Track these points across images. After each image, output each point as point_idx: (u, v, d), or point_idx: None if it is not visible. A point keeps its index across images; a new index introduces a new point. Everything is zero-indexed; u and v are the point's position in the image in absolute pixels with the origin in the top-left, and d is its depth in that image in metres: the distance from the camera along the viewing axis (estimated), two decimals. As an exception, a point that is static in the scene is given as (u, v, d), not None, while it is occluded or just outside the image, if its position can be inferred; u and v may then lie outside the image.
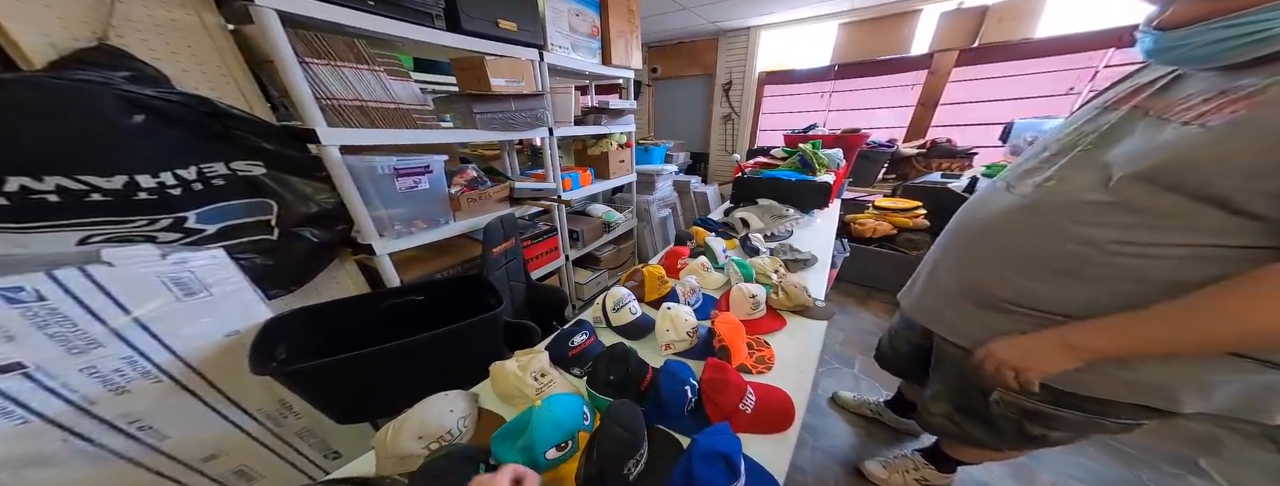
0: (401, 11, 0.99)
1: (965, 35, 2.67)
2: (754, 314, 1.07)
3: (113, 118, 0.59)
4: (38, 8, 0.57)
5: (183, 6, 0.68)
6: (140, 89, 0.60)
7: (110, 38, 0.61)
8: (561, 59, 1.68)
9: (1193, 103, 0.48)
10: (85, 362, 0.63)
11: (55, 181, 0.57)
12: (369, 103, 0.93)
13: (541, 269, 1.80)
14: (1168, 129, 0.48)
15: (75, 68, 0.57)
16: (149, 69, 0.64)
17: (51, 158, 0.56)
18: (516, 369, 0.81)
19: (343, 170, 0.89)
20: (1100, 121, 0.59)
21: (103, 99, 0.57)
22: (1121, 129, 0.54)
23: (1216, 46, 0.45)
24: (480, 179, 1.37)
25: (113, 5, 0.60)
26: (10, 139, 0.53)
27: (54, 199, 0.58)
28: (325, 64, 0.83)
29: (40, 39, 0.56)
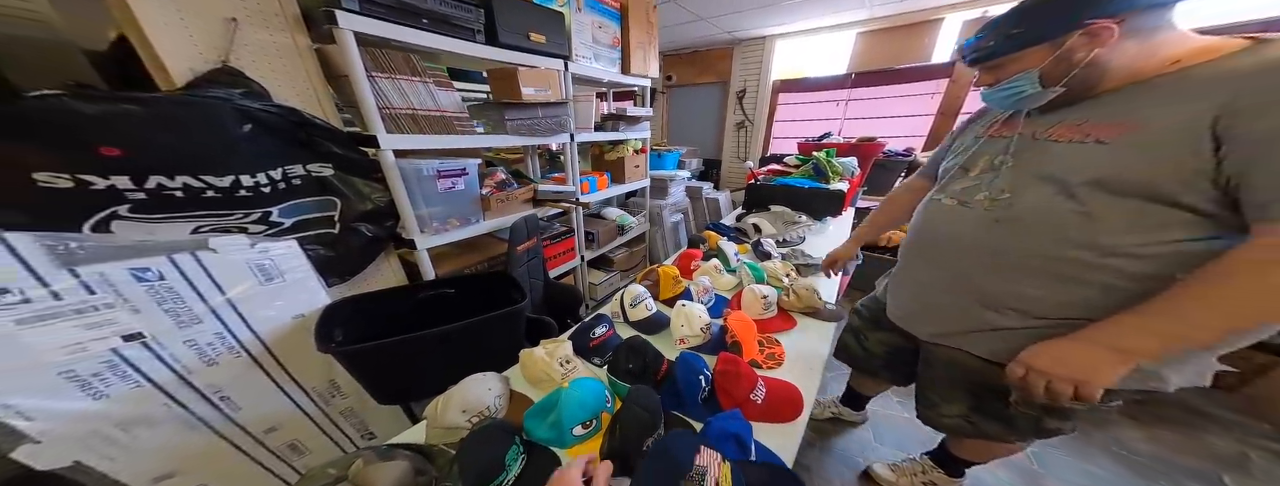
0: (449, 28, 1.13)
1: None
2: (765, 314, 1.16)
3: (228, 127, 0.73)
4: (184, 38, 0.72)
5: (283, 31, 0.82)
6: (249, 103, 0.75)
7: (230, 60, 0.75)
8: (584, 68, 1.82)
9: (1062, 128, 0.64)
10: (188, 335, 0.77)
11: (183, 180, 0.71)
12: (419, 111, 1.07)
13: (558, 268, 1.92)
14: (1071, 147, 0.61)
15: (204, 86, 0.71)
16: (255, 85, 0.79)
17: (182, 160, 0.71)
18: (545, 355, 0.92)
19: (395, 172, 1.02)
20: (997, 145, 0.74)
21: (223, 112, 0.71)
22: (1026, 149, 0.68)
23: (1007, 100, 0.67)
24: (508, 181, 1.51)
25: (234, 33, 0.74)
26: (155, 145, 0.67)
27: (180, 195, 0.72)
28: (387, 77, 0.97)
29: (184, 64, 0.71)
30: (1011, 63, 0.63)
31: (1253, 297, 0.49)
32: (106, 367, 0.71)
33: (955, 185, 0.78)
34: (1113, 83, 0.59)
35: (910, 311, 0.90)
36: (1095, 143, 0.58)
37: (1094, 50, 0.55)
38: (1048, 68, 0.59)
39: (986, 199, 0.71)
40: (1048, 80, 0.61)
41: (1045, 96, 0.62)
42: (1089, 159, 0.58)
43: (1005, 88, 0.65)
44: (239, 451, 0.93)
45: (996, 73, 0.66)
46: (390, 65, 0.97)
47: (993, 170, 0.72)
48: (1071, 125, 0.63)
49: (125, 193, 0.68)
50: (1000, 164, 0.71)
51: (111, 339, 0.69)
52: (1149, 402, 1.60)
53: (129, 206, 0.69)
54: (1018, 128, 0.72)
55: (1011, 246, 0.67)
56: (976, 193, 0.73)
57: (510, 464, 0.64)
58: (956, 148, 0.85)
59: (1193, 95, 0.52)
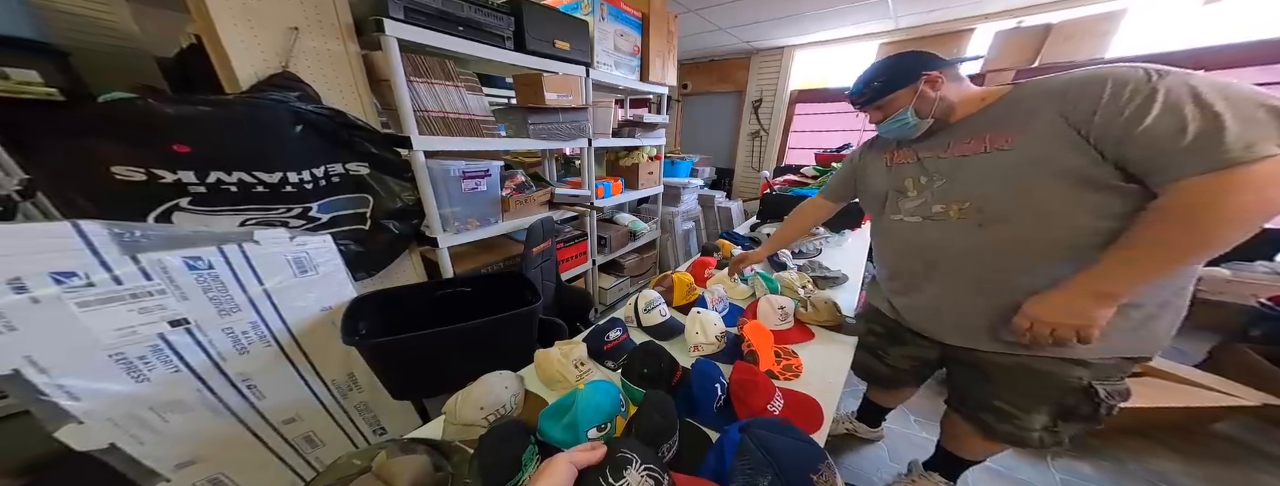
0: (482, 35, 1.21)
1: (1024, 54, 2.62)
2: (782, 325, 1.18)
3: (283, 128, 0.80)
4: (253, 46, 0.80)
5: (336, 38, 0.90)
6: (303, 105, 0.82)
7: (289, 65, 0.82)
8: (605, 75, 1.90)
9: (960, 146, 0.80)
10: (227, 323, 0.82)
11: (238, 176, 0.78)
12: (450, 114, 1.14)
13: (570, 271, 1.97)
14: (986, 157, 0.75)
15: (265, 89, 0.78)
16: (309, 89, 0.86)
17: (241, 157, 0.78)
18: (560, 356, 0.96)
19: (425, 172, 1.08)
20: (907, 169, 0.89)
21: (281, 114, 0.78)
22: (946, 166, 0.82)
23: (900, 130, 0.86)
24: (527, 184, 1.57)
25: (295, 41, 0.81)
26: (219, 144, 0.75)
27: (234, 189, 0.79)
28: (423, 81, 1.04)
29: (249, 70, 0.78)
30: (891, 102, 0.84)
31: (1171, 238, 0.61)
32: (151, 351, 0.76)
33: (905, 204, 0.89)
34: (958, 114, 0.81)
35: (953, 327, 0.91)
36: (999, 150, 0.73)
37: (936, 91, 0.80)
38: (917, 104, 0.82)
39: (954, 211, 0.80)
40: (919, 113, 0.82)
41: (923, 126, 0.83)
42: (1008, 159, 0.72)
43: (895, 120, 0.86)
44: (258, 440, 0.98)
45: (883, 110, 0.87)
46: (427, 70, 1.04)
47: (929, 189, 0.84)
48: (964, 142, 0.79)
49: (189, 186, 0.75)
50: (932, 183, 0.84)
51: (160, 323, 0.75)
52: (1197, 434, 1.58)
53: (190, 200, 0.76)
54: (910, 155, 0.89)
55: (1012, 239, 0.75)
56: (932, 208, 0.83)
57: (527, 464, 0.66)
58: (872, 176, 1.01)
59: (1030, 108, 0.70)
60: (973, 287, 0.82)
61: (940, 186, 0.82)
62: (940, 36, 2.92)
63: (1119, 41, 2.38)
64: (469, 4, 1.13)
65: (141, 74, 0.91)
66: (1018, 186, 0.71)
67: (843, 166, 1.14)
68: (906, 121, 0.84)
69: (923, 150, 0.87)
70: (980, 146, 0.76)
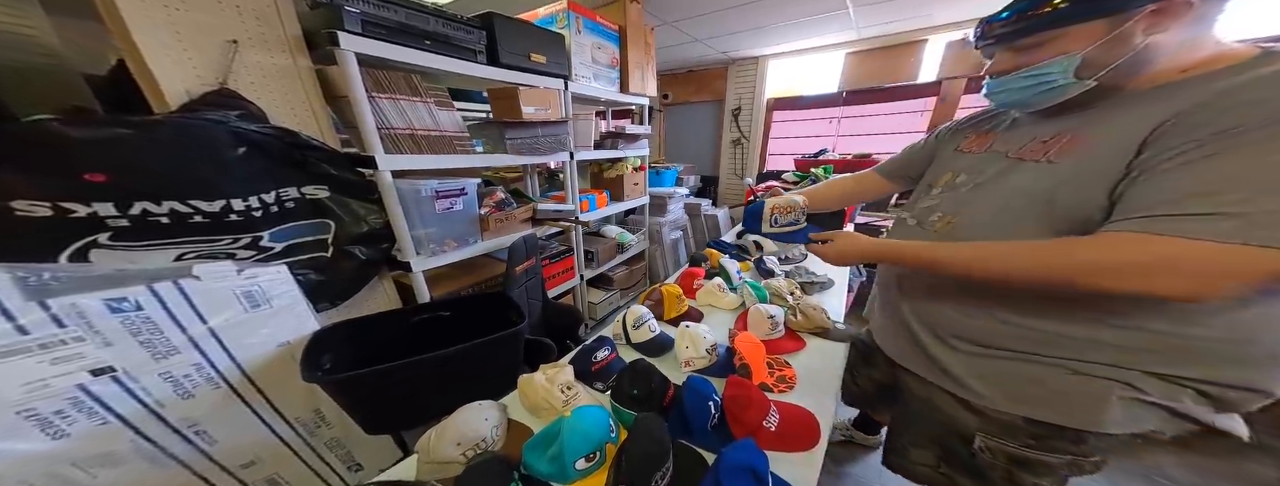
0: (452, 49, 1.13)
1: (972, 64, 2.78)
2: (773, 334, 1.13)
3: (222, 150, 0.70)
4: (183, 61, 0.70)
5: (284, 52, 0.81)
6: (246, 125, 0.72)
7: (228, 82, 0.73)
8: (584, 88, 1.84)
9: (1035, 145, 0.61)
10: (165, 367, 0.72)
11: (170, 206, 0.68)
12: (419, 131, 1.05)
13: (557, 288, 1.88)
14: (1033, 168, 0.59)
15: (200, 108, 0.69)
16: (253, 107, 0.77)
17: (171, 185, 0.68)
18: (545, 381, 0.87)
19: (393, 193, 0.99)
20: (963, 161, 0.72)
21: (217, 135, 0.69)
22: (992, 168, 0.65)
23: (1025, 93, 0.59)
24: (507, 200, 1.48)
25: (234, 55, 0.72)
26: (143, 170, 0.65)
27: (166, 221, 0.68)
28: (387, 97, 0.95)
29: (179, 86, 0.69)
30: (1053, 41, 0.53)
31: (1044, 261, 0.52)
32: (70, 405, 0.65)
33: (920, 203, 0.76)
34: (1139, 81, 0.53)
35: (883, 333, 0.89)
36: (1041, 162, 0.58)
37: (1154, 33, 0.48)
38: (1095, 51, 0.50)
39: (941, 220, 0.69)
40: (1085, 69, 0.52)
41: (1070, 91, 0.54)
42: (1030, 180, 0.58)
43: (1029, 75, 0.56)
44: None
45: (1024, 55, 0.56)
46: (391, 85, 0.95)
47: (952, 189, 0.70)
48: (1043, 141, 0.60)
49: (107, 220, 0.65)
50: (960, 184, 0.69)
51: (78, 374, 0.64)
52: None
53: (110, 234, 0.65)
54: (990, 142, 0.69)
55: None
56: (933, 213, 0.71)
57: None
58: (937, 161, 0.82)
59: (1145, 115, 0.49)
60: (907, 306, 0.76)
61: (965, 193, 0.67)
62: (899, 46, 3.03)
63: None
64: (436, 17, 1.05)
65: (72, 94, 0.80)
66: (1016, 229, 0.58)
67: (921, 142, 0.90)
68: (1047, 80, 0.55)
69: (1017, 141, 0.63)
70: (1044, 151, 0.58)
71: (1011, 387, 0.63)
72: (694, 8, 2.43)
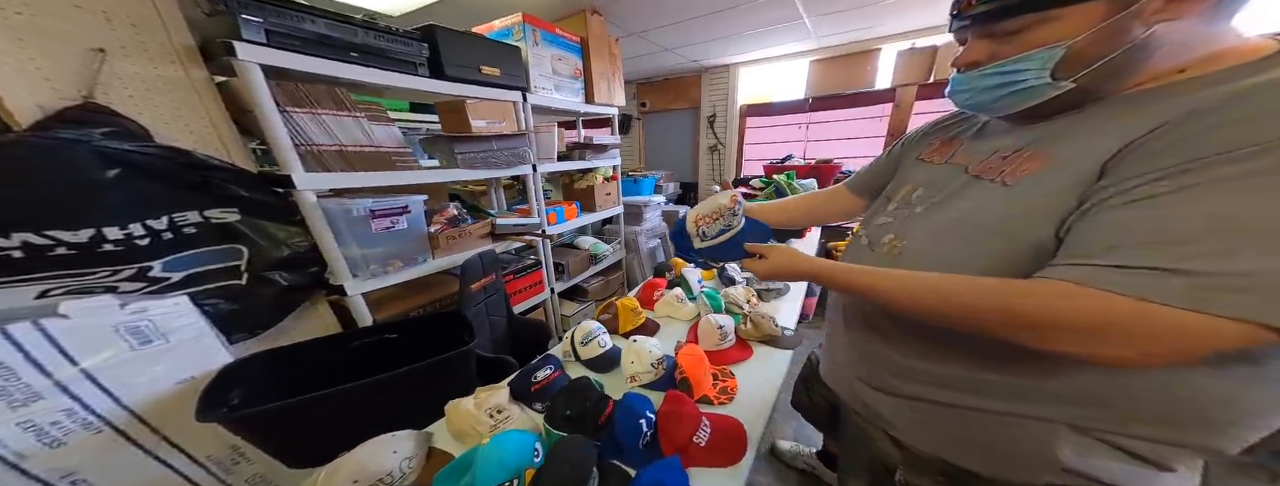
0: (386, 61, 1.06)
1: (921, 72, 2.87)
2: (722, 344, 1.09)
3: (86, 173, 0.61)
4: (30, 71, 0.60)
5: (170, 63, 0.73)
6: (118, 144, 0.64)
7: (95, 95, 0.64)
8: (545, 99, 1.77)
9: (995, 160, 0.50)
10: (24, 415, 0.62)
11: (21, 238, 0.59)
12: (349, 147, 0.97)
13: (526, 302, 1.80)
14: (987, 187, 0.49)
15: (57, 126, 0.60)
16: (131, 123, 0.68)
17: (21, 215, 0.58)
18: (472, 406, 0.81)
19: (317, 213, 0.91)
20: (921, 173, 0.62)
21: (77, 156, 0.60)
22: (949, 185, 0.55)
23: (991, 93, 0.48)
24: (461, 216, 1.40)
25: (100, 66, 0.64)
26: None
27: (18, 255, 0.59)
28: (306, 112, 0.88)
29: (28, 100, 0.60)
30: (1039, 27, 0.41)
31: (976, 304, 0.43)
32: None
33: (875, 219, 0.65)
34: (1132, 82, 0.42)
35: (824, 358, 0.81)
36: (995, 183, 0.47)
37: (1160, 21, 0.37)
38: (1084, 43, 0.39)
39: (890, 243, 0.58)
40: (1064, 66, 0.41)
41: (1042, 94, 0.44)
42: (981, 204, 0.48)
43: (998, 70, 0.45)
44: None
45: (1001, 44, 0.45)
46: (311, 99, 0.88)
47: (907, 206, 0.60)
48: (1003, 157, 0.49)
49: (-66, 257, 0.56)
50: (916, 200, 0.58)
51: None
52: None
53: (-61, 273, 0.56)
54: (954, 151, 0.58)
55: None
56: (886, 233, 0.60)
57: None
58: (901, 170, 0.70)
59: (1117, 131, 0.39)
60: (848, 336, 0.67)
61: (918, 213, 0.56)
62: (856, 54, 3.08)
63: None
64: (366, 29, 0.98)
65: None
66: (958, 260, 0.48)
67: (886, 152, 0.78)
68: (1017, 79, 0.44)
69: (980, 154, 0.53)
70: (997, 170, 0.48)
71: (932, 429, 0.56)
72: (656, 18, 2.39)
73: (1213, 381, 0.39)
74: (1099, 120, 0.43)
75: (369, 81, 1.00)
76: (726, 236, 0.74)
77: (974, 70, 0.48)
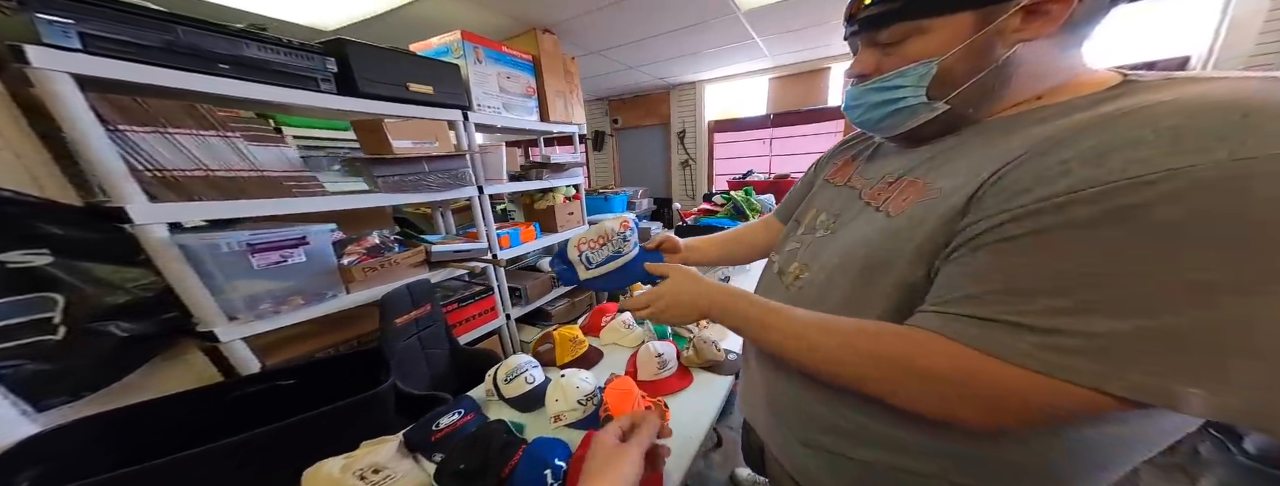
0: (273, 75, 0.91)
1: None
2: (661, 373, 0.96)
3: None
4: None
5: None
6: None
7: None
8: (491, 118, 1.64)
9: (882, 186, 0.46)
10: None
11: None
12: (217, 172, 0.81)
13: (476, 330, 1.62)
14: (873, 216, 0.44)
15: None
16: None
17: None
18: (337, 471, 0.64)
19: (171, 251, 0.74)
20: (824, 195, 0.57)
21: None
22: (848, 210, 0.50)
23: (878, 111, 0.43)
24: (386, 245, 1.24)
25: None
26: None
27: None
28: (150, 131, 0.72)
29: None
30: (913, 38, 0.38)
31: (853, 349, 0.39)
32: None
33: (786, 243, 0.58)
34: (996, 108, 0.40)
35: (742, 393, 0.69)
36: (884, 213, 0.43)
37: (1020, 42, 0.35)
38: (953, 59, 0.37)
39: (794, 272, 0.52)
40: (937, 85, 0.39)
41: (919, 114, 0.41)
42: (867, 235, 0.43)
43: (882, 85, 0.41)
44: None
45: (883, 55, 0.41)
46: (154, 117, 0.72)
47: (811, 231, 0.54)
48: (888, 183, 0.45)
49: None
50: (819, 225, 0.53)
51: None
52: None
53: None
54: (851, 173, 0.54)
55: None
56: (793, 260, 0.54)
57: None
58: (812, 192, 0.63)
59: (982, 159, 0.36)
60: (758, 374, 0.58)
61: (819, 239, 0.51)
62: (809, 73, 3.14)
63: None
64: (239, 39, 0.84)
65: None
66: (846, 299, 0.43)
67: (805, 175, 0.72)
68: (896, 96, 0.41)
69: (870, 177, 0.50)
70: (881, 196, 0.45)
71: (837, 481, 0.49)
72: (612, 38, 2.32)
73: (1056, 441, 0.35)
74: (969, 147, 0.39)
75: (241, 97, 0.85)
76: (615, 264, 0.62)
77: (862, 84, 0.44)
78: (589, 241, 0.62)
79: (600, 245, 0.62)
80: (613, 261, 0.62)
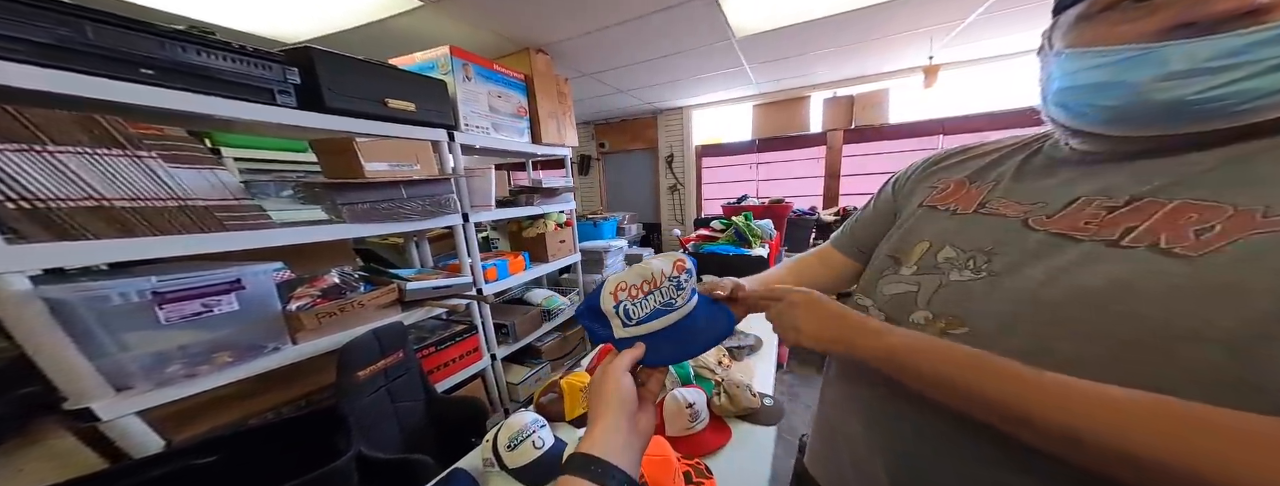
0: (212, 84, 0.74)
1: (844, 118, 3.01)
2: (693, 427, 0.80)
3: None
4: None
5: None
6: None
7: None
8: (479, 139, 1.49)
9: (1090, 210, 0.31)
10: None
11: None
12: (116, 201, 0.61)
13: (457, 374, 1.39)
14: (1111, 254, 0.29)
15: None
16: None
17: None
18: None
19: (31, 307, 0.53)
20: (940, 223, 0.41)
21: None
22: (1010, 244, 0.35)
23: (1263, 81, 0.24)
24: (347, 285, 1.03)
25: None
26: None
27: None
28: (19, 149, 0.53)
29: None
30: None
31: None
32: None
33: (886, 286, 0.42)
34: None
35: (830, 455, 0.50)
36: (1160, 252, 0.27)
37: None
38: None
39: (932, 325, 0.36)
40: None
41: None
42: (1151, 286, 0.26)
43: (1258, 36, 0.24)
44: None
45: None
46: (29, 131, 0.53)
47: (935, 271, 0.38)
48: (1109, 204, 0.31)
49: None
50: (951, 263, 0.37)
51: None
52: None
53: None
54: (982, 196, 0.39)
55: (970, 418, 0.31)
56: (914, 310, 0.38)
57: None
58: (902, 219, 0.47)
59: None
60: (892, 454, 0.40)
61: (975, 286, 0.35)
62: (791, 100, 3.21)
63: (893, 111, 2.84)
64: (179, 41, 0.67)
65: None
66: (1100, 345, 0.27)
67: (872, 201, 0.56)
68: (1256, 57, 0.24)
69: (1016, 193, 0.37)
70: (1127, 224, 0.29)
71: None
72: (606, 61, 2.25)
73: None
74: None
75: (173, 109, 0.66)
76: (665, 320, 0.42)
77: (1250, 28, 0.24)
78: (631, 288, 0.42)
79: (645, 293, 0.42)
80: (661, 317, 0.42)
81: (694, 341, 0.42)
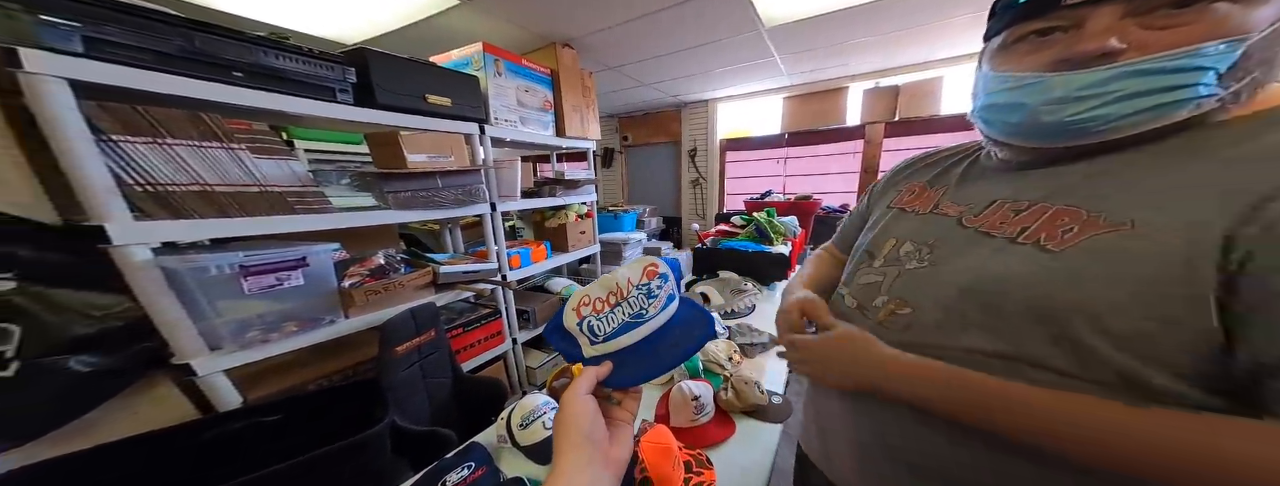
0: (289, 85, 0.86)
1: (887, 110, 2.89)
2: (698, 419, 0.85)
3: None
4: None
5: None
6: None
7: None
8: (508, 132, 1.60)
9: (1001, 212, 0.39)
10: None
11: None
12: (216, 186, 0.74)
13: (481, 355, 1.52)
14: (1004, 247, 0.37)
15: None
16: None
17: None
18: None
19: (151, 275, 0.66)
20: (905, 224, 0.49)
21: None
22: (948, 240, 0.42)
23: (1131, 104, 0.31)
24: (392, 266, 1.15)
25: None
26: None
27: None
28: (145, 142, 0.65)
29: None
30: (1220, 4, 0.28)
31: None
32: None
33: (860, 276, 0.50)
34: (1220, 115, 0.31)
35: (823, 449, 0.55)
36: (1039, 247, 0.34)
37: None
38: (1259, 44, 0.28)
39: (886, 307, 0.44)
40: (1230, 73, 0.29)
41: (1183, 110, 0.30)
42: (1020, 270, 0.35)
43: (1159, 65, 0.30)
44: None
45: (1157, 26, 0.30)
46: (153, 126, 0.66)
47: (896, 263, 0.46)
48: (1016, 212, 0.38)
49: None
50: (906, 256, 0.45)
51: None
52: None
53: None
54: (937, 199, 0.47)
55: None
56: (875, 294, 0.46)
57: None
58: (876, 217, 0.55)
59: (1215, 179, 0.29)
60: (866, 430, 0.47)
61: (919, 272, 0.43)
62: (826, 92, 3.10)
63: (946, 102, 2.69)
64: (264, 47, 0.79)
65: None
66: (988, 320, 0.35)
67: (858, 203, 0.65)
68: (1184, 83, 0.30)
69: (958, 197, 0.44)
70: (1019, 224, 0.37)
71: None
72: (631, 53, 2.31)
73: None
74: (1160, 165, 0.32)
75: (260, 107, 0.79)
76: (637, 333, 0.39)
77: (1107, 65, 0.31)
78: (595, 301, 0.39)
79: (611, 306, 0.39)
80: (631, 330, 0.39)
81: (670, 354, 0.39)
